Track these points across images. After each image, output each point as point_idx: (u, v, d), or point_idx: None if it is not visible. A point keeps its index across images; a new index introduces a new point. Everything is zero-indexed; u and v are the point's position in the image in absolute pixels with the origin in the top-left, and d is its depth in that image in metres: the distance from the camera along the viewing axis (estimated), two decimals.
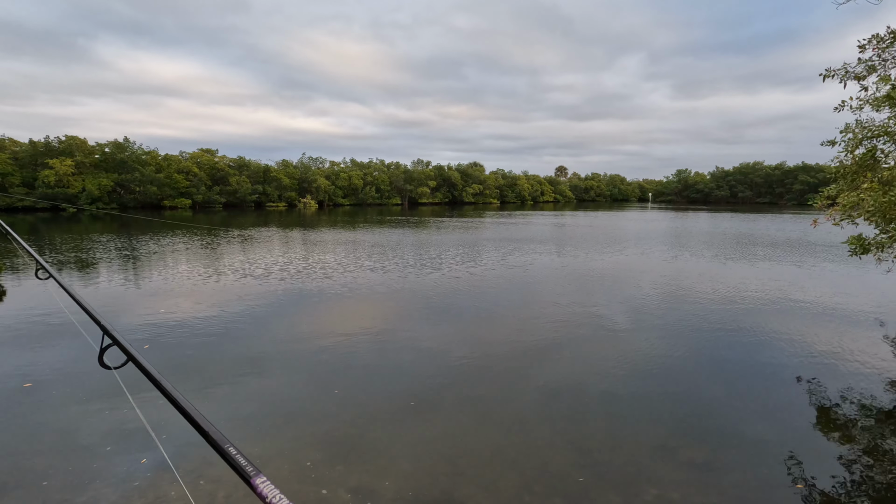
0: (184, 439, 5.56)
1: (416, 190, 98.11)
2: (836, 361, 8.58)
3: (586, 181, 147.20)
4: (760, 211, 78.35)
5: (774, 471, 5.26)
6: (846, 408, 6.86)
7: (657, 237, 32.42)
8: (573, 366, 8.36)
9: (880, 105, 6.64)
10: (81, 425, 6.07)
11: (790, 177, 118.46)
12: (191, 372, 7.90)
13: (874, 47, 7.12)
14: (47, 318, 10.80)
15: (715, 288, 14.95)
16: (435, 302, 12.89)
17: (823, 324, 10.99)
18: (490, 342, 9.58)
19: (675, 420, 6.43)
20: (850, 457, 5.58)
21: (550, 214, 65.37)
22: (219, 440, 1.03)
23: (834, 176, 8.26)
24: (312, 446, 5.64)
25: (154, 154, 70.22)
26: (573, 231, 37.90)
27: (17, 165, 58.86)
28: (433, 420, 6.35)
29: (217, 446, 1.02)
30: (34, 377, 7.59)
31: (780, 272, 18.06)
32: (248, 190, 74.81)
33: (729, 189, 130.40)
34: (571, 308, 12.27)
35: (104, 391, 6.96)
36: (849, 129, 7.57)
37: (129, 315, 11.27)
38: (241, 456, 0.98)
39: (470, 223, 45.04)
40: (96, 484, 4.85)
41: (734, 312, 11.92)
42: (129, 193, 65.37)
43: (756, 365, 8.43)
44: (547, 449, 5.67)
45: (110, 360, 1.55)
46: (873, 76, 7.18)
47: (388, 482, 4.95)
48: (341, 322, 10.93)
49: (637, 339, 9.86)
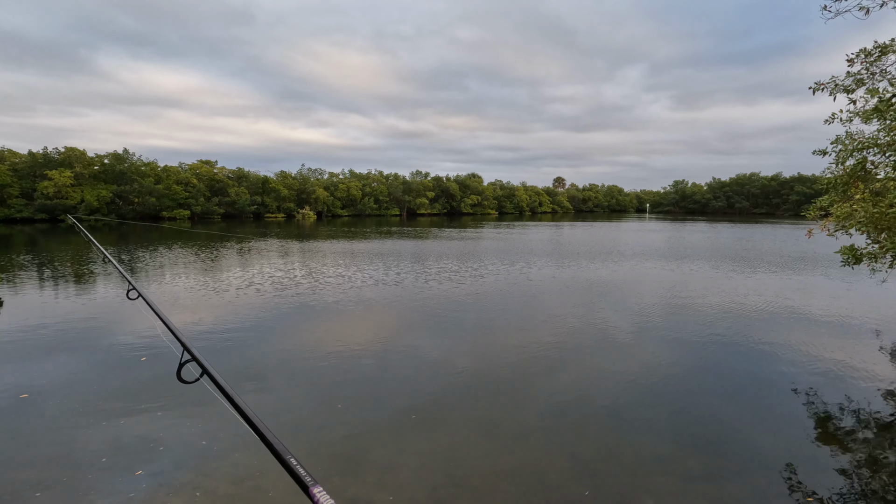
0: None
1: (414, 201, 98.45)
2: (834, 372, 8.60)
3: (584, 192, 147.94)
4: (757, 221, 78.74)
5: (772, 482, 5.26)
6: (844, 419, 6.87)
7: (656, 248, 32.53)
8: (574, 378, 8.36)
9: (869, 117, 6.77)
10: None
11: (786, 187, 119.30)
12: (190, 385, 7.85)
13: (862, 61, 7.27)
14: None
15: (714, 299, 15.00)
16: (435, 314, 12.89)
17: (820, 334, 11.02)
18: (492, 354, 9.58)
19: (673, 431, 6.42)
20: (849, 468, 5.57)
21: (549, 225, 65.57)
22: (281, 451, 1.15)
23: (826, 187, 8.37)
24: (312, 459, 5.62)
25: (153, 165, 70.51)
26: (572, 242, 38.01)
27: (17, 177, 58.97)
28: (434, 433, 6.33)
29: (279, 457, 1.14)
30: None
31: (777, 283, 18.12)
32: (247, 201, 75.00)
33: (726, 200, 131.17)
34: (572, 319, 12.29)
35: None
36: (839, 140, 7.69)
37: (127, 327, 11.24)
38: (301, 467, 1.10)
39: (468, 234, 45.15)
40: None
41: (733, 323, 11.95)
42: (127, 205, 65.48)
43: (754, 376, 8.44)
44: (545, 461, 5.66)
45: (187, 375, 1.77)
46: (861, 89, 7.32)
47: (386, 495, 4.94)
48: (341, 334, 10.92)
49: (638, 350, 9.87)
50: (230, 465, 5.46)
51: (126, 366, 8.69)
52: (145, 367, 8.59)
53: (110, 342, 10.09)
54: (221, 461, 5.53)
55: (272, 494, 4.91)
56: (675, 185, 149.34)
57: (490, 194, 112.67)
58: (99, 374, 8.29)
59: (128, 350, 9.55)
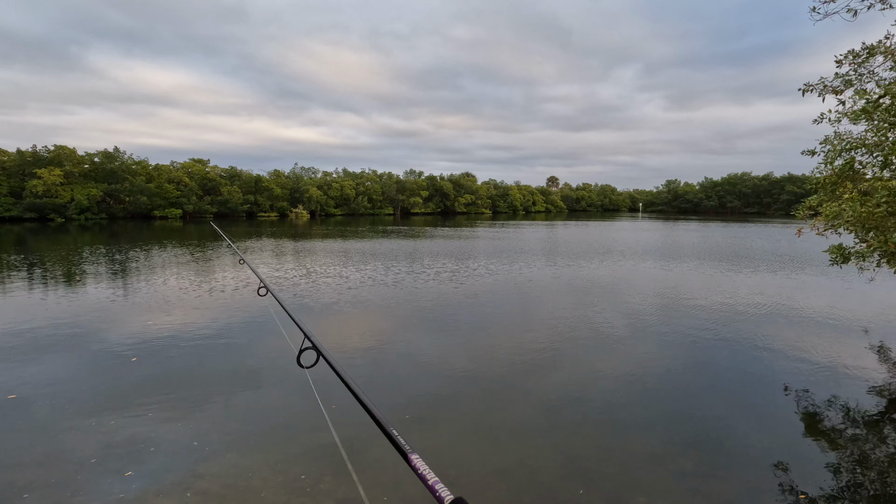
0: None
1: (408, 200, 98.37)
2: (824, 370, 8.70)
3: (577, 191, 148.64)
4: (748, 221, 79.48)
5: (764, 479, 5.31)
6: (833, 416, 6.95)
7: (650, 247, 32.74)
8: (568, 376, 8.39)
9: (857, 118, 6.85)
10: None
11: (777, 187, 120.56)
12: (183, 385, 7.81)
13: (850, 62, 7.35)
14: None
15: (706, 298, 15.12)
16: (430, 313, 12.89)
17: (810, 332, 11.14)
18: (486, 354, 9.59)
19: (667, 429, 6.47)
20: (838, 464, 5.64)
21: (542, 224, 65.77)
22: (384, 423, 1.33)
23: (815, 187, 8.46)
24: (306, 460, 5.60)
25: (144, 164, 69.88)
26: (566, 241, 38.16)
27: (5, 175, 58.23)
28: (427, 433, 6.33)
29: (383, 428, 1.32)
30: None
31: (768, 282, 18.31)
32: (240, 200, 74.57)
33: (718, 199, 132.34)
34: (566, 319, 12.33)
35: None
36: (828, 140, 7.78)
37: (119, 327, 11.14)
38: (401, 437, 1.27)
39: (463, 233, 45.17)
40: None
41: (725, 322, 12.06)
42: (118, 203, 64.85)
43: (746, 374, 8.52)
44: (538, 459, 5.68)
45: (305, 361, 1.96)
46: (849, 90, 7.41)
47: (380, 494, 4.93)
48: (335, 334, 10.88)
49: (631, 349, 9.93)
50: (222, 465, 5.42)
51: (116, 366, 8.61)
52: (136, 368, 8.51)
53: (100, 342, 9.98)
54: (213, 462, 5.49)
55: (264, 495, 4.88)
56: (668, 185, 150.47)
57: (484, 193, 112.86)
58: (89, 375, 8.20)
59: (118, 350, 9.46)
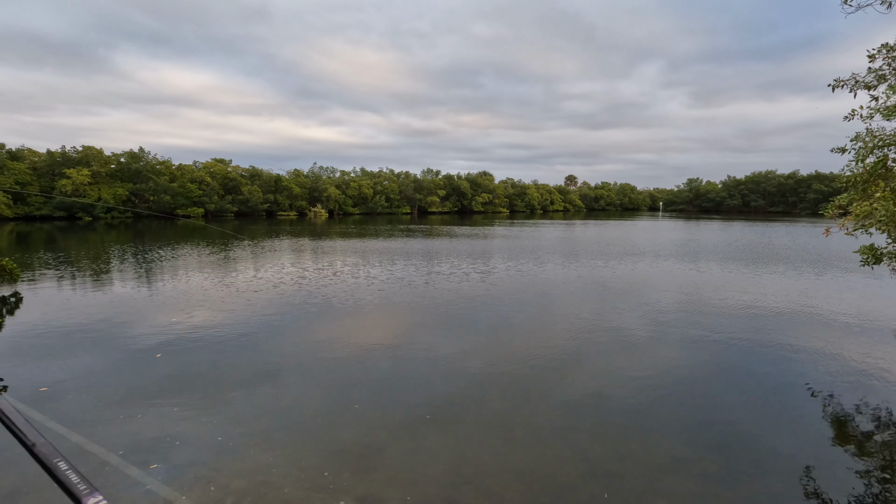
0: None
1: (425, 199, 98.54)
2: (852, 373, 8.43)
3: (596, 190, 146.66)
4: (773, 220, 77.39)
5: (789, 485, 5.18)
6: (861, 421, 6.74)
7: (671, 247, 32.16)
8: (588, 378, 8.31)
9: (891, 114, 6.59)
10: None
11: (803, 186, 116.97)
12: (206, 381, 7.99)
13: (884, 56, 7.09)
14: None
15: (732, 299, 14.79)
16: (450, 312, 12.90)
17: (838, 335, 10.81)
18: (507, 354, 9.56)
19: (689, 432, 6.36)
20: (866, 471, 5.47)
21: (560, 224, 65.18)
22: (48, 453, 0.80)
23: (845, 185, 8.19)
24: (326, 456, 5.67)
25: (168, 164, 71.56)
26: (585, 241, 37.75)
27: (36, 175, 60.35)
28: (447, 432, 6.34)
29: (45, 460, 0.79)
30: None
31: (795, 283, 17.81)
32: (260, 199, 75.75)
33: (741, 198, 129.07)
34: (586, 319, 12.21)
35: None
36: (859, 137, 7.51)
37: (143, 324, 11.44)
38: (74, 472, 0.79)
39: (480, 232, 45.08)
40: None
41: (750, 324, 11.78)
42: (143, 202, 66.60)
43: (771, 377, 8.31)
44: (557, 460, 5.64)
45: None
46: (883, 85, 7.14)
47: (398, 493, 4.97)
48: (356, 333, 10.99)
49: (653, 350, 9.78)
50: (244, 461, 5.53)
51: (142, 362, 8.85)
52: (161, 364, 8.74)
53: (127, 338, 10.28)
54: (235, 457, 5.61)
55: (287, 490, 4.97)
56: (689, 184, 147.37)
57: (501, 192, 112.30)
58: (116, 370, 8.45)
59: (144, 346, 9.72)
